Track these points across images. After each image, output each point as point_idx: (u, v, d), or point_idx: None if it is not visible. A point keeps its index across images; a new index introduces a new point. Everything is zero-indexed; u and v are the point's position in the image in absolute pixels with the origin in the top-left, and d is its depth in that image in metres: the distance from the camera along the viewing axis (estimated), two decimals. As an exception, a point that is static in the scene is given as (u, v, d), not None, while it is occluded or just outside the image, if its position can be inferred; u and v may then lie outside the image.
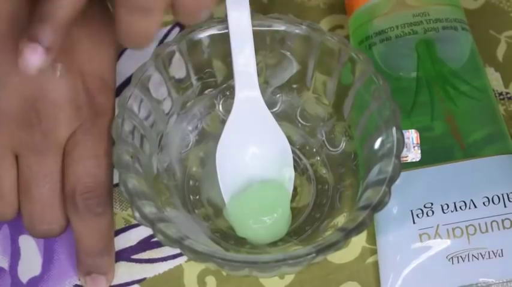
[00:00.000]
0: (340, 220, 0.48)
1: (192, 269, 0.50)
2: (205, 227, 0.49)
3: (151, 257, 0.50)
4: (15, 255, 0.50)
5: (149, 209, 0.44)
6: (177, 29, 0.58)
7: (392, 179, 0.45)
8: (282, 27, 0.49)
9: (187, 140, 0.52)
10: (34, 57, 0.41)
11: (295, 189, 0.50)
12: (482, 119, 0.51)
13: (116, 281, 0.50)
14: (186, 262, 0.50)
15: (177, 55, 0.49)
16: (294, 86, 0.51)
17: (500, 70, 0.56)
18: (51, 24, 0.41)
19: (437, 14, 0.53)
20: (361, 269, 0.50)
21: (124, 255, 0.50)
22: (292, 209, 0.50)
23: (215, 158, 0.50)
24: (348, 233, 0.43)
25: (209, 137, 0.52)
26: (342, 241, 0.43)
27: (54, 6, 0.41)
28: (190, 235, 0.44)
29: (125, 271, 0.50)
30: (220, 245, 0.48)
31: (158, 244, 0.51)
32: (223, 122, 0.51)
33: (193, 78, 0.50)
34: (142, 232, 0.51)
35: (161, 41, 0.57)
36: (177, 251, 0.50)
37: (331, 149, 0.51)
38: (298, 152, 0.52)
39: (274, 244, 0.49)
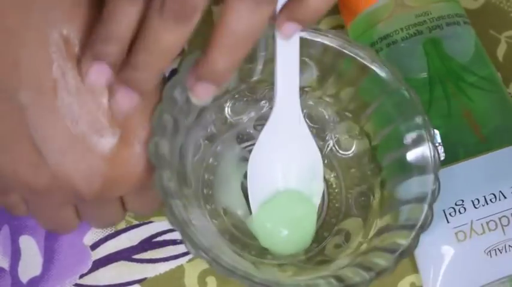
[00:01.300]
0: (355, 224, 0.48)
1: (193, 269, 0.50)
2: (226, 239, 0.48)
3: (152, 257, 0.50)
4: (15, 255, 0.50)
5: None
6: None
7: (434, 196, 0.45)
8: (307, 36, 0.48)
9: (198, 147, 0.50)
10: (100, 77, 0.40)
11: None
12: (498, 110, 0.51)
13: (116, 281, 0.50)
14: (187, 262, 0.50)
15: None
16: (306, 89, 0.51)
17: (500, 70, 0.56)
18: (115, 43, 0.39)
19: (438, 12, 0.53)
20: (361, 269, 0.50)
21: (125, 255, 0.50)
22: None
23: (225, 163, 0.49)
24: (400, 255, 0.43)
25: (218, 142, 0.51)
26: (395, 266, 0.43)
27: (115, 24, 0.39)
28: (214, 247, 0.44)
29: (126, 270, 0.50)
30: (241, 256, 0.47)
31: (159, 244, 0.50)
32: (231, 125, 0.50)
33: None
34: (143, 232, 0.51)
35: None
36: (178, 251, 0.50)
37: (340, 152, 0.51)
38: None
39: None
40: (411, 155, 0.47)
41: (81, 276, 0.50)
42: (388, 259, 0.43)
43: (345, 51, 0.48)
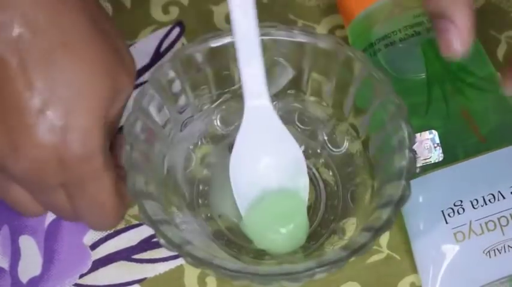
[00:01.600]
0: (351, 219, 0.48)
1: (192, 270, 0.50)
2: (221, 243, 0.48)
3: (152, 257, 0.50)
4: (15, 255, 0.50)
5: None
6: (177, 29, 0.58)
7: (410, 171, 0.44)
8: (275, 36, 0.48)
9: (190, 159, 0.51)
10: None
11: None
12: (497, 109, 0.51)
13: (116, 281, 0.50)
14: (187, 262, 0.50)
15: (173, 75, 0.48)
16: (290, 91, 0.51)
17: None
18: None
19: (436, 12, 0.53)
20: (361, 269, 0.50)
21: (125, 255, 0.50)
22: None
23: (219, 174, 0.49)
24: (376, 232, 0.43)
25: (211, 153, 0.51)
26: (372, 241, 0.43)
27: None
28: (209, 251, 0.44)
29: (126, 270, 0.50)
30: (240, 260, 0.47)
31: (159, 244, 0.50)
32: (222, 136, 0.50)
33: (191, 97, 0.49)
34: (143, 232, 0.51)
35: (162, 40, 0.57)
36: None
37: (334, 149, 0.51)
38: None
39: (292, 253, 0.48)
40: (391, 136, 0.46)
41: (81, 276, 0.50)
42: (366, 236, 0.43)
43: (311, 43, 0.48)
